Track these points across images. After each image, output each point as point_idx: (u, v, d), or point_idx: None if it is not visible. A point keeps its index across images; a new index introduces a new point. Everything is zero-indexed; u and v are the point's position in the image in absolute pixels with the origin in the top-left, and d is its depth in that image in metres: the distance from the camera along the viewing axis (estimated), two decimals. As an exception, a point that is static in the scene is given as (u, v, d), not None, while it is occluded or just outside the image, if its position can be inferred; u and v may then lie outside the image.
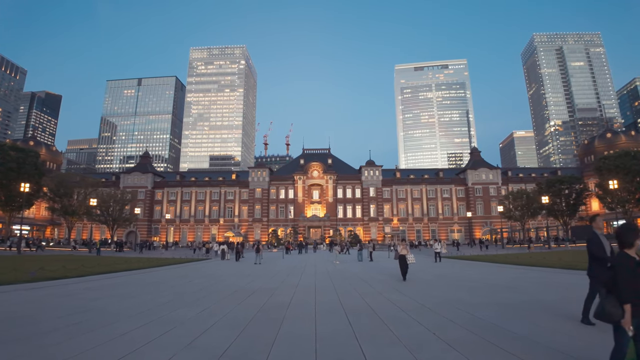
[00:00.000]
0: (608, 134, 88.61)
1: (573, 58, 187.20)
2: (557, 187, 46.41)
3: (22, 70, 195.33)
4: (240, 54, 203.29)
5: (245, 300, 8.71)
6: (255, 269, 19.51)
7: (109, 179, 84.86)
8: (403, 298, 8.82)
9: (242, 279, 14.16)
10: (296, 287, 11.08)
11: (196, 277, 14.81)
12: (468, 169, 78.40)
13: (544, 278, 12.59)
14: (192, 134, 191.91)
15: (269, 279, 13.86)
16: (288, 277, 14.82)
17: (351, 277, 14.38)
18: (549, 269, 15.48)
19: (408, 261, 12.55)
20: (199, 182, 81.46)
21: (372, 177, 77.81)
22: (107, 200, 51.64)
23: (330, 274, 15.77)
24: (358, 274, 16.18)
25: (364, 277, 14.58)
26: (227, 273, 16.95)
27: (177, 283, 12.49)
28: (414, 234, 75.86)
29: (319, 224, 74.60)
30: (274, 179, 79.81)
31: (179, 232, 78.81)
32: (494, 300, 8.40)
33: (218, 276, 15.34)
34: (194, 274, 15.95)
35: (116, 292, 10.17)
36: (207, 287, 11.23)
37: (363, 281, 12.90)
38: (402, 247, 12.86)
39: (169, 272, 16.71)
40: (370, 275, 15.07)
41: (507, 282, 11.87)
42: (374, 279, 13.76)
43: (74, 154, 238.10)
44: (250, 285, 11.75)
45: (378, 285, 11.72)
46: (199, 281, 13.09)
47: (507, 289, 10.13)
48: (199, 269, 18.92)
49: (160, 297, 9.21)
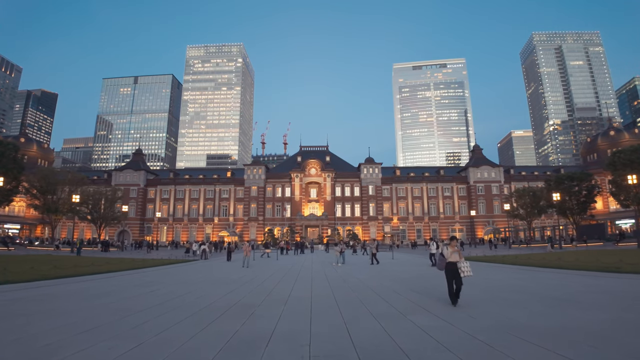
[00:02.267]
0: (611, 131, 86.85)
1: (572, 57, 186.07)
2: (567, 184, 44.11)
3: (18, 68, 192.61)
4: (237, 52, 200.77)
5: (208, 327, 6.15)
6: (242, 273, 16.92)
7: (102, 176, 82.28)
8: (437, 323, 6.24)
9: (221, 287, 11.58)
10: (285, 304, 8.44)
11: (165, 284, 12.22)
12: (470, 166, 76.15)
13: (598, 286, 10.07)
14: (188, 132, 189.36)
15: (253, 289, 11.29)
16: (278, 285, 12.20)
17: (356, 287, 11.67)
18: (588, 272, 13.06)
19: (463, 274, 7.74)
20: (193, 180, 78.76)
21: (371, 175, 75.42)
22: (95, 197, 48.92)
23: (330, 282, 13.13)
24: (364, 281, 13.47)
25: (372, 285, 11.91)
26: (206, 279, 14.37)
27: (133, 294, 9.92)
28: (414, 233, 73.58)
29: (316, 223, 72.13)
30: (270, 176, 77.24)
31: (172, 232, 76.07)
32: (563, 322, 5.97)
33: (193, 283, 12.73)
34: (164, 281, 13.32)
35: (36, 308, 7.65)
36: (167, 302, 8.66)
37: (374, 293, 10.16)
38: (453, 248, 8.05)
39: (137, 278, 14.12)
40: (380, 284, 12.36)
41: (559, 292, 9.23)
42: (386, 289, 11.08)
43: (69, 153, 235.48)
44: (225, 299, 9.17)
45: (396, 300, 8.91)
46: (164, 291, 10.50)
47: (569, 304, 7.66)
48: (175, 274, 16.30)
49: (89, 319, 6.67)
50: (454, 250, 8.00)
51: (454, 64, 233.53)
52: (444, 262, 7.95)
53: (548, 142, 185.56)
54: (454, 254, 7.91)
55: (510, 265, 17.20)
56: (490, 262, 19.59)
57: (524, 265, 16.33)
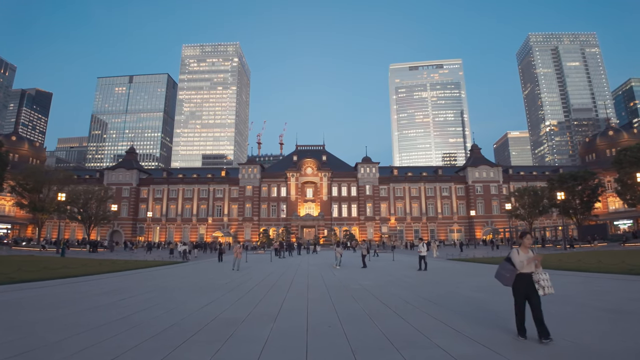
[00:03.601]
0: (610, 131, 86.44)
1: (568, 58, 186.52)
2: (571, 183, 42.94)
3: (12, 66, 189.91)
4: (233, 52, 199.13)
5: (169, 355, 4.65)
6: (231, 277, 15.35)
7: (94, 175, 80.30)
8: (483, 352, 4.68)
9: (202, 296, 10.02)
10: (274, 321, 6.78)
11: (139, 291, 10.67)
12: (468, 166, 75.07)
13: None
14: (183, 132, 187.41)
15: (239, 298, 9.70)
16: (269, 293, 10.60)
17: (360, 296, 9.94)
18: (622, 275, 11.68)
19: (543, 291, 5.16)
20: (187, 180, 76.98)
21: (368, 175, 74.07)
22: (84, 196, 47.05)
23: (329, 289, 11.48)
24: (368, 287, 11.58)
25: (378, 294, 10.18)
26: (189, 284, 12.76)
27: (96, 304, 8.35)
28: (412, 233, 72.35)
29: (312, 224, 70.60)
30: (265, 176, 75.62)
31: (165, 232, 74.22)
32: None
33: (171, 290, 11.16)
34: (140, 287, 11.76)
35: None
36: (131, 316, 7.13)
37: (382, 305, 8.39)
38: (525, 252, 5.44)
39: (110, 283, 12.50)
40: (387, 291, 10.68)
41: (621, 305, 7.57)
42: (395, 298, 9.34)
43: (64, 153, 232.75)
44: (203, 312, 7.62)
45: (412, 314, 7.20)
46: (134, 301, 8.92)
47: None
48: (157, 278, 14.70)
49: (20, 341, 5.16)
50: (528, 255, 5.29)
51: (450, 65, 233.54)
52: (513, 274, 5.22)
53: (544, 143, 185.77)
54: (528, 261, 5.22)
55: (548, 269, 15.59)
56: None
57: (557, 270, 14.77)
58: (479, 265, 19.48)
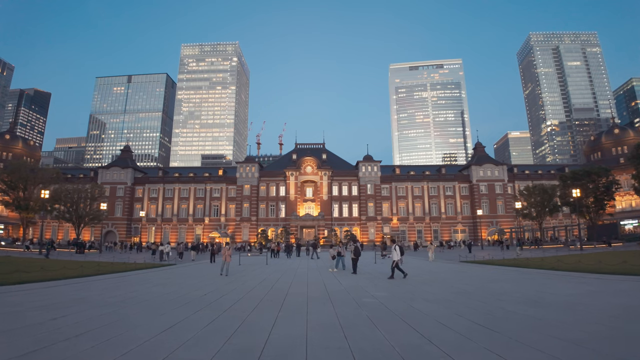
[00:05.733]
0: (616, 129, 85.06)
1: (569, 58, 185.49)
2: (585, 180, 41.03)
3: (10, 66, 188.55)
4: (232, 51, 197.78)
5: None
6: (214, 285, 13.24)
7: (88, 174, 78.33)
8: None
9: (164, 316, 7.66)
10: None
11: (84, 307, 8.38)
12: (472, 164, 73.19)
13: None
14: (182, 132, 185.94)
15: (210, 321, 7.10)
16: (253, 313, 8.00)
17: (379, 316, 7.52)
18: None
19: None
20: (183, 179, 74.99)
21: (370, 174, 72.13)
22: (73, 195, 45.08)
23: (335, 304, 8.99)
24: (386, 302, 9.19)
25: (402, 312, 7.84)
26: (156, 296, 10.32)
27: (10, 328, 6.35)
28: (415, 234, 70.42)
29: (312, 224, 68.62)
30: (263, 174, 73.64)
31: (161, 232, 72.17)
32: None
33: (131, 304, 8.98)
34: (91, 300, 9.51)
35: None
36: (36, 352, 4.95)
37: (413, 330, 6.15)
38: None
39: (59, 293, 10.49)
40: (411, 308, 8.33)
41: None
42: (426, 319, 7.08)
43: (62, 153, 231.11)
44: (147, 349, 5.17)
45: (462, 350, 5.03)
46: (65, 322, 6.77)
47: None
48: (123, 286, 12.59)
49: None
50: None
51: (450, 65, 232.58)
52: None
53: (545, 143, 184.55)
54: None
55: (571, 272, 13.78)
56: (540, 269, 16.17)
57: (583, 272, 12.96)
58: (501, 269, 17.55)
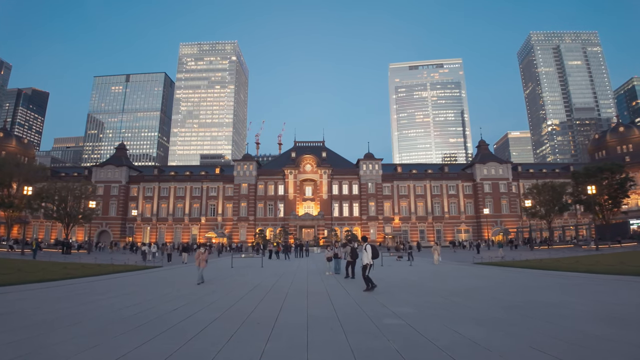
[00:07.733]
0: (620, 127, 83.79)
1: (570, 57, 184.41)
2: (598, 177, 39.32)
3: (7, 65, 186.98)
4: (231, 50, 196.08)
5: None
6: (192, 295, 10.72)
7: (82, 173, 76.36)
8: None
9: (80, 355, 4.96)
10: None
11: (7, 326, 6.64)
12: (476, 162, 71.44)
13: None
14: (181, 131, 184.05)
15: (163, 354, 4.91)
16: (225, 348, 5.23)
17: (411, 350, 5.08)
18: None
19: None
20: (179, 177, 73.05)
21: (371, 172, 70.27)
22: (61, 192, 43.13)
23: (346, 329, 6.32)
24: (415, 324, 6.62)
25: (444, 343, 5.32)
26: (105, 313, 7.97)
27: None
28: (417, 234, 68.61)
29: (312, 223, 66.73)
30: (262, 173, 71.72)
31: (156, 232, 70.17)
32: None
33: (63, 326, 6.73)
34: (23, 314, 7.77)
35: None
36: None
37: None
38: None
39: (19, 301, 8.67)
40: (456, 333, 5.92)
41: None
42: (485, 355, 4.83)
43: (60, 152, 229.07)
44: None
45: None
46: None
47: None
48: (75, 296, 10.63)
49: None
50: None
51: (450, 64, 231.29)
52: None
53: (546, 143, 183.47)
54: None
55: (625, 275, 12.05)
56: (575, 272, 14.39)
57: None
58: (531, 273, 15.67)
